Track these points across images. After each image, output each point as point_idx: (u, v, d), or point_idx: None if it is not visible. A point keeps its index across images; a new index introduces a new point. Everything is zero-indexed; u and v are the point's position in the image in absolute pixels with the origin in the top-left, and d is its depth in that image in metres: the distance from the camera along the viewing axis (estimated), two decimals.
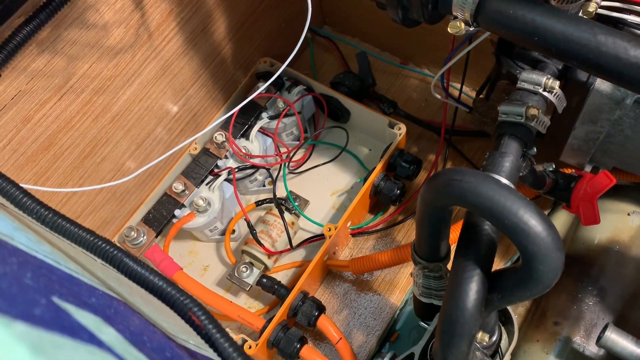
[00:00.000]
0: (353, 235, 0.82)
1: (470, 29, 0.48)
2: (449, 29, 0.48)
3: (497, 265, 0.75)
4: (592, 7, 0.51)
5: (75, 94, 0.61)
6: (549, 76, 0.55)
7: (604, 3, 0.53)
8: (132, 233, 0.74)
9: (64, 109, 0.61)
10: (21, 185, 0.40)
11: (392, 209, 0.83)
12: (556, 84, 0.55)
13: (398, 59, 0.96)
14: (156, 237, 0.76)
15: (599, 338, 0.56)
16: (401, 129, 0.79)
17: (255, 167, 0.81)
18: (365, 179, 0.77)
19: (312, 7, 0.53)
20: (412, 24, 0.53)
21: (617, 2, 0.55)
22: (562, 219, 0.76)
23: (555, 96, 0.55)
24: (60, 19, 0.55)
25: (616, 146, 0.63)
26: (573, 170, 0.69)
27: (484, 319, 0.51)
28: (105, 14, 0.59)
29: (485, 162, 0.54)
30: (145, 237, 0.75)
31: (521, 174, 0.58)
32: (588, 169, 0.68)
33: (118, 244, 0.45)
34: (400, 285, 0.78)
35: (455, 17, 0.48)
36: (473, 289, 0.46)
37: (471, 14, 0.47)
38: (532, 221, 0.42)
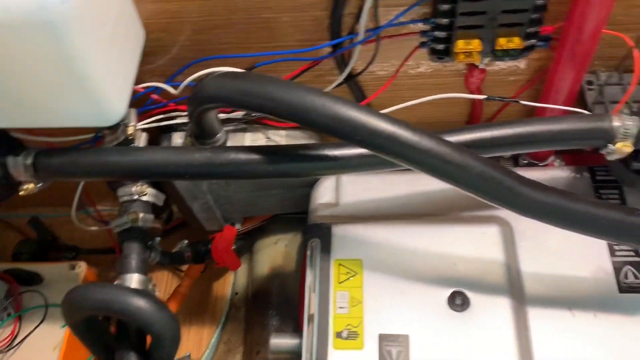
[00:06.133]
0: None
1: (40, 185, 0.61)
2: (20, 194, 0.61)
3: None
4: (131, 130, 0.67)
5: None
6: (139, 184, 0.70)
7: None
8: None
9: None
10: None
11: None
12: (145, 188, 0.70)
13: None
14: None
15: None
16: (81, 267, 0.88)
17: None
18: None
19: None
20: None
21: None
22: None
23: (151, 196, 0.70)
24: None
25: (227, 205, 0.81)
26: None
27: None
28: None
29: (117, 267, 0.67)
30: None
31: (157, 261, 0.71)
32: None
33: None
34: None
35: (25, 182, 0.61)
36: None
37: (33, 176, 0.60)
38: (140, 302, 0.55)
